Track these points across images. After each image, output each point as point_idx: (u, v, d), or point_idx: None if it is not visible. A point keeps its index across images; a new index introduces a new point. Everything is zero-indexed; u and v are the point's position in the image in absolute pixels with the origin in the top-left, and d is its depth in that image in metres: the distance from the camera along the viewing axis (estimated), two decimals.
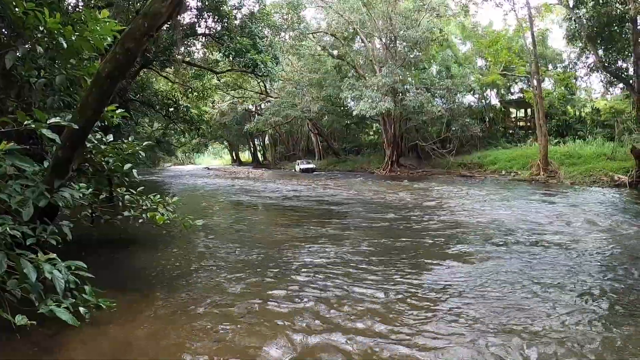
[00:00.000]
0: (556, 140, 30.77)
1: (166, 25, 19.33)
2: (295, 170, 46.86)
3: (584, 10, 22.19)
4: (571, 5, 23.05)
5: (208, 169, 61.72)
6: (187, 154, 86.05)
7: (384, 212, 14.00)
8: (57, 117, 4.56)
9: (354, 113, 34.19)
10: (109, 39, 5.72)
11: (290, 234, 10.72)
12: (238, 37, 19.32)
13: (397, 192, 20.21)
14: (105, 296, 5.06)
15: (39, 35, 5.56)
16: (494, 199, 17.16)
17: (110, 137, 6.41)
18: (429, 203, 16.07)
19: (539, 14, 33.40)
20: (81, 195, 6.13)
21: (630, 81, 20.81)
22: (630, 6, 19.05)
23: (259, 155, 71.18)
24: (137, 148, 6.61)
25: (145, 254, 8.64)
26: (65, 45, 5.49)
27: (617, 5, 20.99)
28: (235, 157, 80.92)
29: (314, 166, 46.10)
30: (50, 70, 6.02)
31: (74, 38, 5.53)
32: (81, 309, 4.61)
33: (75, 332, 4.53)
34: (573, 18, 22.91)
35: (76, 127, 4.71)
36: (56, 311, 4.17)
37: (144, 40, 4.80)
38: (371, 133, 52.81)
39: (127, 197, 7.41)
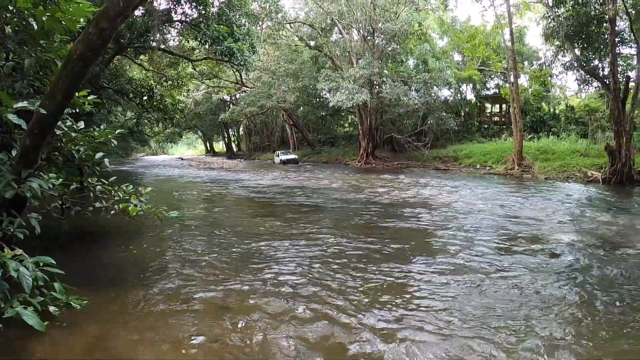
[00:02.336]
0: (530, 136, 31.20)
1: (141, 10, 18.99)
2: (274, 161, 44.60)
3: (563, 9, 22.34)
4: (550, 4, 23.17)
5: (181, 159, 60.98)
6: (160, 144, 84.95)
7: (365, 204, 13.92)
8: (25, 102, 4.24)
9: (331, 104, 33.98)
10: (82, 20, 5.39)
11: (267, 227, 10.53)
12: (215, 25, 18.87)
13: (376, 185, 20.09)
14: (77, 293, 4.79)
15: (7, 15, 5.22)
16: (469, 191, 17.27)
17: (82, 125, 6.04)
18: (407, 195, 16.02)
19: (518, 12, 33.69)
20: (51, 185, 5.83)
21: (606, 80, 21.04)
22: (608, 7, 19.22)
23: (234, 145, 70.53)
24: (109, 136, 6.26)
25: (118, 247, 8.38)
26: (35, 26, 5.17)
27: (596, 5, 21.19)
28: (209, 148, 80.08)
29: (297, 157, 43.61)
30: (19, 53, 5.66)
31: (45, 19, 5.19)
32: (51, 308, 4.34)
33: (45, 332, 4.23)
34: (552, 16, 23.05)
35: (44, 112, 4.39)
36: (23, 315, 3.90)
37: (118, 21, 4.50)
38: (346, 125, 52.80)
39: (98, 187, 7.06)
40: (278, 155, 44.36)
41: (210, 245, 8.57)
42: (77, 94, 5.56)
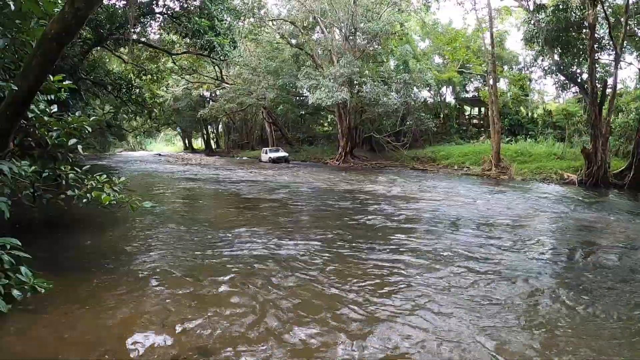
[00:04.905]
0: (508, 139, 31.60)
1: (122, 0, 18.73)
2: (261, 159, 40.89)
3: (544, 14, 22.66)
4: (531, 9, 23.51)
5: (159, 155, 60.25)
6: (138, 140, 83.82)
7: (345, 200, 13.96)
8: None
9: (310, 102, 33.94)
10: (60, 2, 5.30)
11: (239, 220, 10.52)
12: (196, 18, 18.74)
13: (357, 182, 20.16)
14: (43, 277, 4.69)
15: None
16: (449, 191, 17.42)
17: (55, 108, 5.92)
18: (386, 192, 16.10)
19: (499, 16, 34.18)
20: (23, 172, 5.69)
21: (584, 85, 21.45)
22: (589, 12, 19.56)
23: (212, 143, 70.00)
24: (83, 123, 6.13)
25: (88, 235, 8.33)
26: (13, 7, 5.04)
27: (576, 11, 21.54)
28: (187, 144, 79.23)
29: (287, 155, 39.82)
30: None
31: (22, 0, 5.07)
32: (14, 292, 4.22)
33: (7, 316, 4.17)
34: (532, 21, 23.39)
35: (15, 88, 4.29)
36: None
37: (95, 1, 4.43)
38: (325, 124, 52.89)
39: (71, 175, 6.91)
40: (266, 153, 40.65)
41: (181, 236, 8.58)
42: (52, 78, 5.46)
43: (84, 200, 6.87)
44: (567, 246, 8.64)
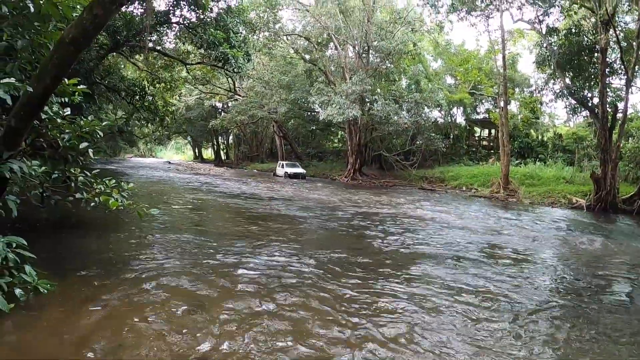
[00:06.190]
0: (517, 162, 31.55)
1: (140, 8, 19.02)
2: (276, 173, 39.65)
3: (556, 38, 22.78)
4: (544, 32, 23.62)
5: (169, 163, 60.61)
6: (148, 146, 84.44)
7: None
8: (13, 79, 4.22)
9: (321, 117, 34.21)
10: (78, 7, 5.41)
11: (244, 229, 10.55)
12: (212, 30, 18.98)
13: (365, 202, 20.15)
14: (46, 278, 4.73)
15: None
16: (458, 211, 17.37)
17: (68, 111, 6.00)
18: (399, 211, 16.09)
19: (512, 38, 34.34)
20: (33, 172, 5.76)
21: (595, 109, 21.43)
22: (601, 36, 19.64)
23: (222, 153, 70.32)
24: (95, 127, 6.22)
25: (94, 238, 8.38)
26: (32, 9, 5.14)
27: (588, 35, 21.62)
28: (197, 154, 79.71)
29: (305, 172, 38.03)
30: (14, 35, 5.62)
31: (42, 2, 5.18)
32: (17, 291, 4.25)
33: (7, 315, 4.18)
34: (544, 45, 23.50)
35: (31, 89, 4.38)
36: None
37: (113, 8, 4.54)
38: (336, 140, 53.04)
39: (80, 178, 6.99)
40: (282, 167, 38.84)
41: (186, 244, 8.57)
42: (67, 81, 5.55)
43: (92, 203, 6.94)
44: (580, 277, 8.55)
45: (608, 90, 21.98)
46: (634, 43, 20.51)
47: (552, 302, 6.32)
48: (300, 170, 38.08)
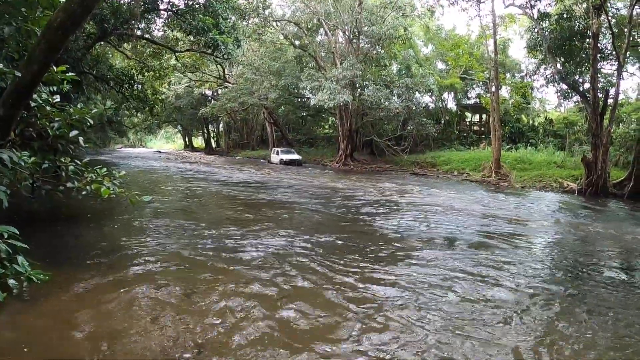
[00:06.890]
0: (508, 146, 31.66)
1: None
2: (270, 160, 39.31)
3: (548, 22, 22.70)
4: (535, 17, 23.52)
5: (159, 152, 60.24)
6: (138, 136, 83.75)
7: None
8: (0, 65, 4.11)
9: (312, 103, 34.00)
10: None
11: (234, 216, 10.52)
12: (201, 16, 18.72)
13: (357, 186, 20.14)
14: (40, 268, 4.65)
15: None
16: (450, 195, 17.41)
17: (57, 98, 5.88)
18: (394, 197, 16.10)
19: (503, 23, 34.23)
20: (23, 162, 5.64)
21: (586, 94, 21.46)
22: (593, 21, 19.60)
23: (213, 141, 69.92)
24: (85, 115, 6.09)
25: (86, 227, 8.34)
26: None
27: (580, 20, 21.58)
28: (187, 143, 79.16)
29: (300, 158, 37.91)
30: (0, 23, 5.48)
31: None
32: (10, 281, 4.17)
33: (2, 306, 4.15)
34: (536, 29, 23.43)
35: (19, 74, 4.26)
36: None
37: None
38: (326, 126, 52.83)
39: (71, 167, 6.87)
40: (277, 154, 38.65)
41: (178, 231, 8.60)
42: (55, 68, 5.43)
43: (83, 192, 6.83)
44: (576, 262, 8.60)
45: (599, 75, 22.04)
46: (626, 29, 20.50)
47: (549, 279, 6.37)
48: (295, 156, 37.73)
